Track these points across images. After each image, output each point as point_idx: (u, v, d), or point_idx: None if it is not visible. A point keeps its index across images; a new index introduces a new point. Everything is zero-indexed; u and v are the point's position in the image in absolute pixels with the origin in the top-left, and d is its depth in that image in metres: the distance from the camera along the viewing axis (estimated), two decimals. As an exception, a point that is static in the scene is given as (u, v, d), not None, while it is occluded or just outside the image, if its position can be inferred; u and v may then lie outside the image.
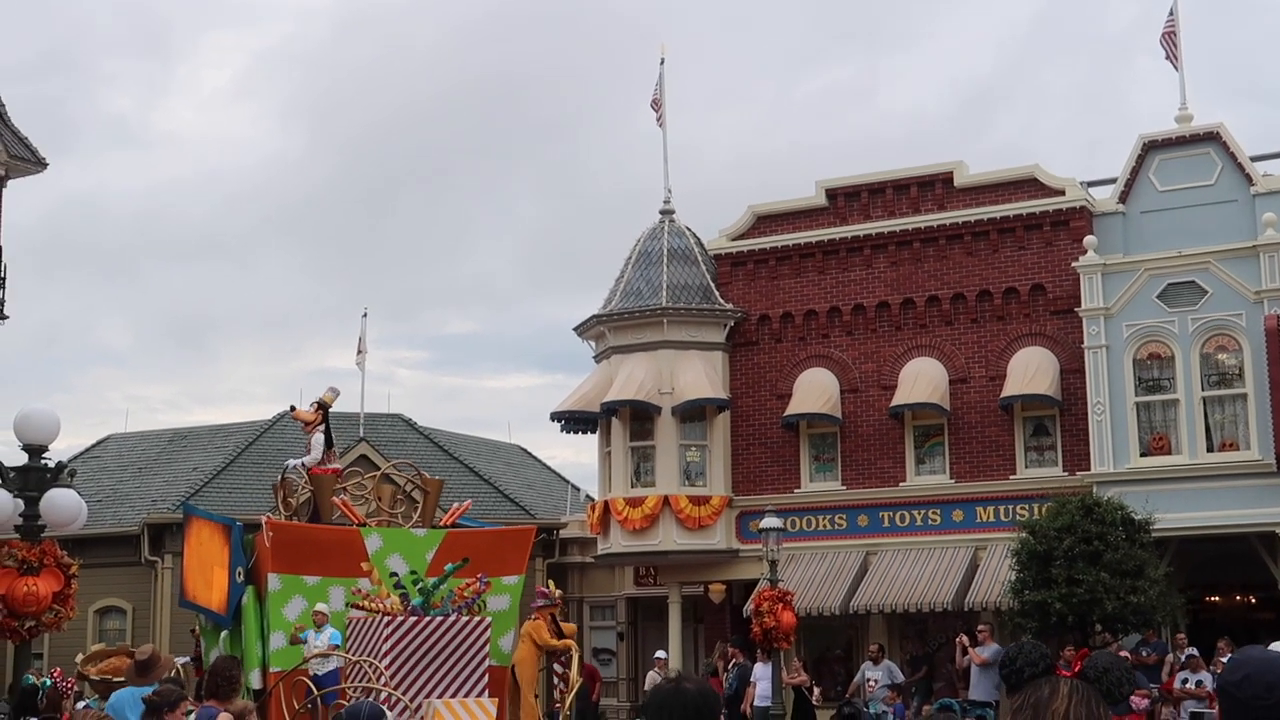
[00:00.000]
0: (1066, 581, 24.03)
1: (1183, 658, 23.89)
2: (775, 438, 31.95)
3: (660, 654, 29.48)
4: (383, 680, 14.76)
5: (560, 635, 18.80)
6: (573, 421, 33.16)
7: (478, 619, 16.55)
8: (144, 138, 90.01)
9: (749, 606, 27.04)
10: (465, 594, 16.59)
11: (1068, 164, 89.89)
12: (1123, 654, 23.48)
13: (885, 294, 31.31)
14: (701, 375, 31.72)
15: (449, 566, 16.72)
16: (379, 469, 21.30)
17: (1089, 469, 28.10)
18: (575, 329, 33.94)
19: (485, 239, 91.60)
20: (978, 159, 34.82)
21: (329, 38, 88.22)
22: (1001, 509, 29.46)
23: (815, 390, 31.30)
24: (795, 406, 31.27)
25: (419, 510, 19.07)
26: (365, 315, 39.83)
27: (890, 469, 30.86)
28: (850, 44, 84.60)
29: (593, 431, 33.37)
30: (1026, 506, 28.56)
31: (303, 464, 19.18)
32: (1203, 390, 27.54)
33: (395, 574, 17.02)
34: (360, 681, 15.26)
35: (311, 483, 18.46)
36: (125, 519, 38.22)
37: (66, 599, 15.20)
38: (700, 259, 33.11)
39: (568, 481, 46.42)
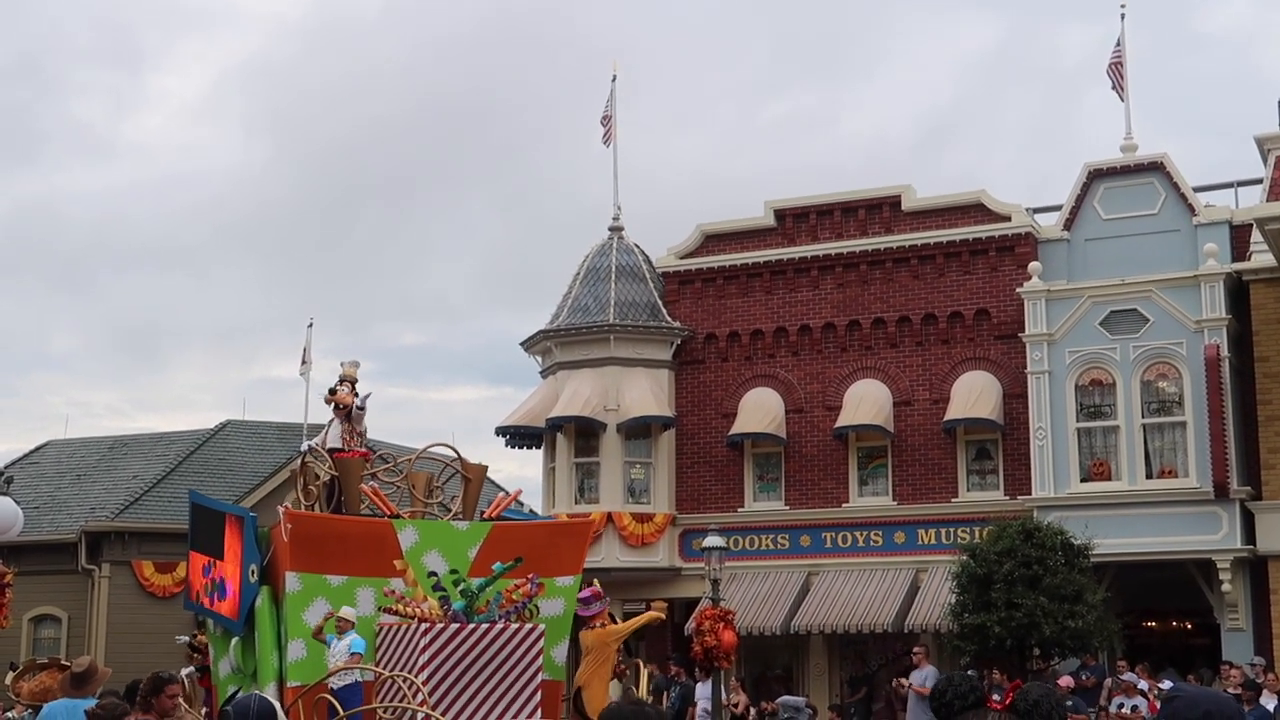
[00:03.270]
0: (1006, 605, 24.15)
1: (1117, 681, 24.07)
2: (719, 456, 32.01)
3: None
4: (419, 698, 12.83)
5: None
6: (518, 436, 33.09)
7: (529, 626, 14.47)
8: (109, 146, 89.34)
9: (690, 625, 27.04)
10: (514, 597, 14.59)
11: (1022, 192, 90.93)
12: (1064, 679, 23.66)
13: (831, 315, 31.44)
14: (647, 392, 31.74)
15: (498, 566, 14.68)
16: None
17: (1030, 493, 28.31)
18: (522, 344, 33.89)
19: (444, 254, 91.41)
20: (935, 187, 34.96)
21: (297, 52, 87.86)
22: (943, 531, 29.61)
23: (760, 410, 31.39)
24: (740, 426, 31.34)
25: (459, 500, 16.81)
26: (311, 326, 39.60)
27: (833, 490, 30.97)
28: (813, 73, 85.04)
29: (538, 447, 33.30)
30: (967, 530, 28.72)
31: (320, 443, 16.75)
32: (1143, 417, 27.79)
33: (434, 573, 14.96)
34: (394, 700, 13.26)
35: (336, 468, 16.06)
36: (63, 526, 37.85)
37: (1, 607, 15.03)
38: (648, 276, 33.17)
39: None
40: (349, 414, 16.58)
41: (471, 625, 14.15)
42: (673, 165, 79.77)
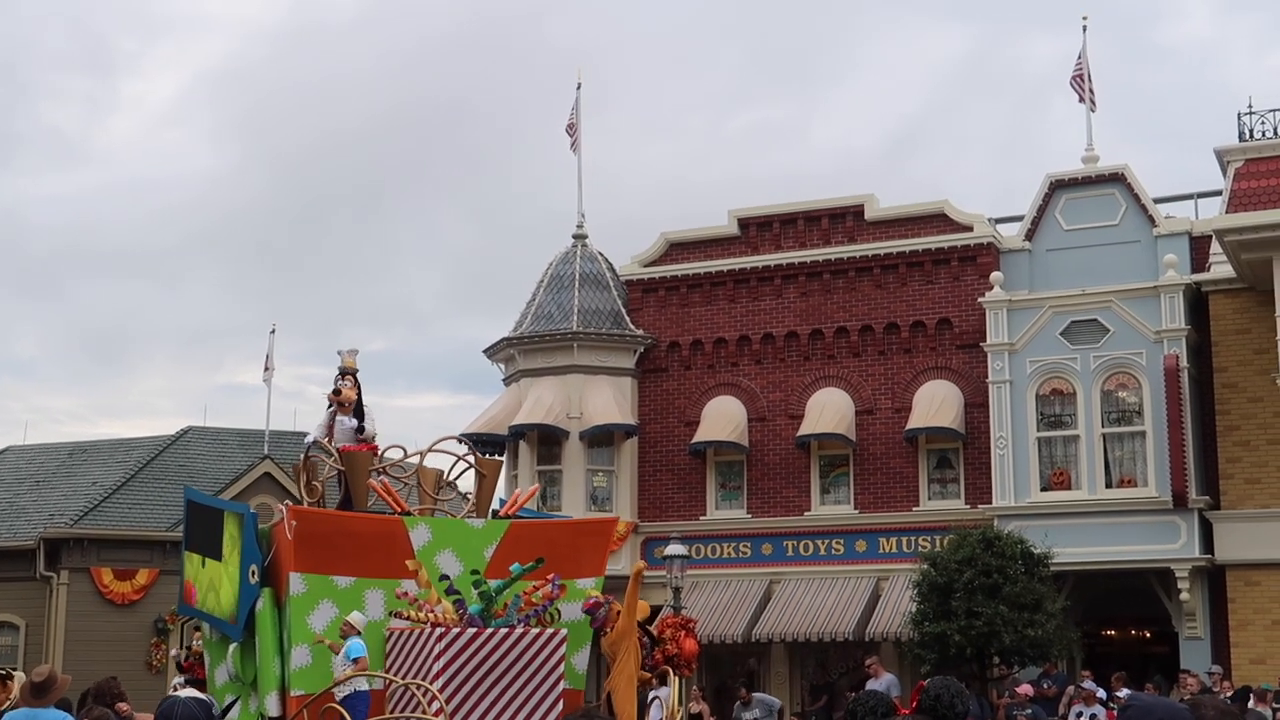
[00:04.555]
0: (966, 614, 24.23)
1: (1077, 690, 24.14)
2: (682, 465, 32.02)
3: (562, 679, 29.30)
4: (435, 707, 12.01)
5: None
6: (480, 444, 32.95)
7: (550, 631, 13.64)
8: (80, 151, 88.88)
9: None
10: (534, 600, 13.71)
11: (988, 202, 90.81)
12: (1024, 687, 23.76)
13: (794, 324, 31.52)
14: (610, 401, 31.74)
15: (516, 567, 13.72)
16: (281, 479, 17.66)
17: (990, 502, 28.43)
18: (485, 351, 33.83)
19: (412, 260, 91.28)
20: (902, 197, 35.12)
21: (268, 58, 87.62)
22: (904, 540, 29.71)
23: (723, 418, 31.42)
24: (703, 434, 31.37)
25: (473, 497, 15.88)
26: (273, 332, 39.51)
27: (795, 498, 31.03)
28: (782, 83, 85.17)
29: (500, 454, 33.21)
30: (928, 538, 28.83)
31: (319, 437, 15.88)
32: (1103, 427, 27.96)
33: (447, 575, 13.94)
34: (407, 709, 12.57)
35: (342, 462, 15.22)
36: (21, 533, 37.55)
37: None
38: (612, 284, 33.18)
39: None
40: (356, 410, 15.93)
41: (489, 630, 13.34)
42: (642, 173, 79.95)
